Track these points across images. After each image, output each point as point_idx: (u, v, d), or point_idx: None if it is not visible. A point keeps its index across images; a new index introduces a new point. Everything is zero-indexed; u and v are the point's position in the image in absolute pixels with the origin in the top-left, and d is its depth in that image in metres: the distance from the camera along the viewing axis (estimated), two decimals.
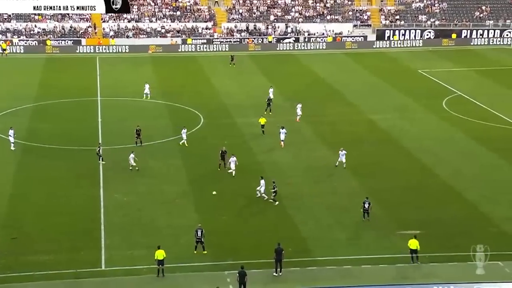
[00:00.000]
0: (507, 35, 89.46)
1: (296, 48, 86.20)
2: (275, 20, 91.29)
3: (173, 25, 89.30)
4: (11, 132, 46.19)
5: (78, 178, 41.45)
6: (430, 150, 46.29)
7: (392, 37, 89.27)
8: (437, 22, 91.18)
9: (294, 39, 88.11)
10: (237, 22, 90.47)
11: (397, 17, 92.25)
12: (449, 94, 62.28)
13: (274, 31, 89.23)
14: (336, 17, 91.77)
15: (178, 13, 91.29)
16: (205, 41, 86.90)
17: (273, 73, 71.68)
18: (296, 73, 72.39)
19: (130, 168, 42.17)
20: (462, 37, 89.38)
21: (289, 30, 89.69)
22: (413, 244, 31.47)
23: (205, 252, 32.19)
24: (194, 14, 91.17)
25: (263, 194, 38.17)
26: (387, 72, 72.16)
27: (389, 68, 74.91)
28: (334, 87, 65.03)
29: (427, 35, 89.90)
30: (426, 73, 71.51)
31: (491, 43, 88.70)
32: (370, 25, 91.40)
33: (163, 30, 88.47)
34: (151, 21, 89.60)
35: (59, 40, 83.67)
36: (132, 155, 42.48)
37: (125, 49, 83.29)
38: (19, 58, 77.81)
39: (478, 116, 54.34)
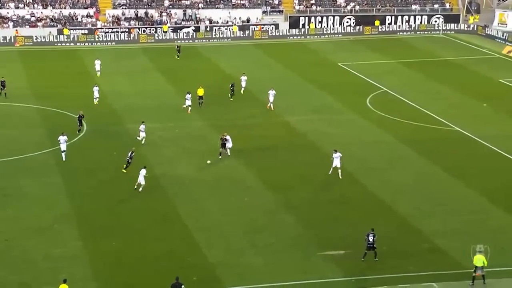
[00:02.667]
0: (435, 21, 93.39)
1: (196, 39, 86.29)
2: (171, 6, 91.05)
3: (45, 12, 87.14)
4: None
5: None
6: (355, 156, 47.50)
7: (308, 25, 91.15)
8: (357, 7, 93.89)
9: (193, 28, 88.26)
10: (125, 8, 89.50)
11: (313, 1, 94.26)
12: (374, 90, 64.24)
13: (170, 19, 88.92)
14: (242, 2, 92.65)
15: None
16: (86, 31, 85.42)
17: (171, 69, 71.53)
18: (198, 68, 72.52)
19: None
20: (386, 24, 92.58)
21: (187, 17, 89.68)
22: (479, 260, 31.54)
23: None
24: None
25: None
26: (304, 66, 73.59)
27: (306, 61, 76.43)
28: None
29: (347, 22, 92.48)
30: (347, 66, 73.45)
31: (418, 31, 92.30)
32: (282, 11, 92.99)
33: (33, 18, 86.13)
34: (17, 7, 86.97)
35: None
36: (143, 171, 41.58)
37: None
38: None
39: (407, 116, 56.31)
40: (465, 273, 32.90)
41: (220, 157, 45.67)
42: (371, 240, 33.80)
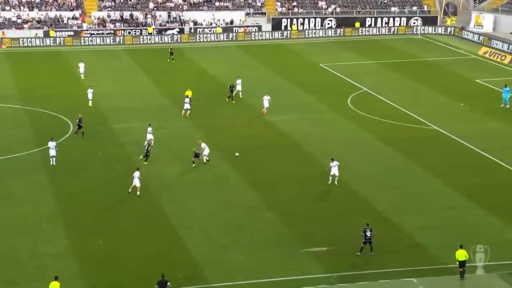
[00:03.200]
0: (414, 23, 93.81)
1: (181, 41, 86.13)
2: (155, 8, 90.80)
3: (31, 14, 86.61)
4: None
5: None
6: (336, 154, 47.46)
7: (290, 27, 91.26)
8: (338, 9, 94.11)
9: (178, 30, 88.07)
10: (110, 10, 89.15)
11: (294, 3, 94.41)
12: (355, 90, 64.42)
13: (155, 21, 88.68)
14: (226, 4, 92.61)
15: None
16: (72, 33, 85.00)
17: (156, 71, 71.35)
18: (182, 69, 72.40)
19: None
20: (366, 25, 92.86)
21: (172, 19, 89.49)
22: (461, 255, 31.67)
23: None
24: (57, 1, 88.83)
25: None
26: (286, 66, 73.67)
27: (288, 62, 76.50)
28: (227, 85, 65.48)
29: (328, 24, 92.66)
30: (328, 67, 73.60)
31: (397, 33, 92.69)
32: (265, 13, 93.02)
33: (19, 20, 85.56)
34: (3, 9, 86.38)
35: None
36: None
37: None
38: None
39: (386, 115, 56.52)
40: (444, 268, 33.17)
41: (193, 165, 45.11)
42: (368, 234, 34.14)
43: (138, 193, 40.64)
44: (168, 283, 29.98)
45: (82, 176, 43.89)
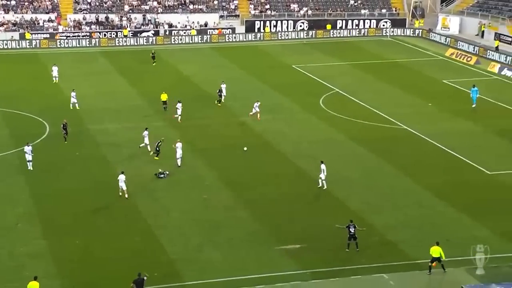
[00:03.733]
0: (383, 25, 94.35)
1: (156, 43, 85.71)
2: (131, 11, 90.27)
3: (7, 17, 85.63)
4: None
5: None
6: (309, 154, 47.68)
7: (263, 29, 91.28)
8: (310, 12, 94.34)
9: (153, 32, 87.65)
10: (86, 12, 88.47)
11: (267, 6, 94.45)
12: (327, 91, 64.58)
13: (130, 23, 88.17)
14: (200, 6, 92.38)
15: (13, 2, 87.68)
16: (47, 35, 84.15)
17: (132, 72, 70.91)
18: (158, 71, 72.03)
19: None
20: (338, 28, 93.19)
21: (147, 21, 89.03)
22: (435, 251, 31.99)
23: None
24: (33, 4, 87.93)
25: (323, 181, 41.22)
26: (260, 68, 73.66)
27: (261, 63, 76.51)
28: (201, 86, 65.39)
29: (300, 26, 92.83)
30: (301, 68, 73.72)
31: (367, 34, 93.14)
32: (239, 16, 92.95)
33: None
34: None
35: None
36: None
37: None
38: None
39: (357, 115, 56.72)
40: (413, 264, 33.37)
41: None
42: (352, 231, 34.23)
43: (126, 195, 40.12)
44: (145, 278, 29.82)
45: (58, 177, 43.47)
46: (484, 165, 45.91)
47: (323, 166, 41.83)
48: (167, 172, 43.33)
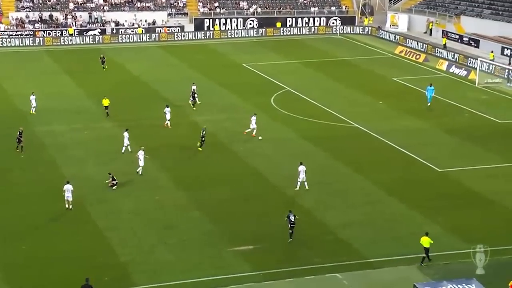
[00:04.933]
0: (333, 23, 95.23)
1: (102, 42, 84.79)
2: (76, 9, 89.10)
3: None
4: None
5: None
6: (262, 153, 47.87)
7: (212, 27, 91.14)
8: (259, 10, 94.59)
9: (99, 30, 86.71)
10: (29, 10, 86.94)
11: (216, 4, 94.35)
12: (278, 89, 64.89)
13: (75, 22, 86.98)
14: (147, 4, 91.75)
15: None
16: None
17: (77, 72, 70.02)
18: (106, 70, 71.24)
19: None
20: (287, 25, 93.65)
21: (93, 20, 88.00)
22: (426, 242, 32.69)
23: None
24: None
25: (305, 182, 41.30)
26: (210, 67, 73.54)
27: (212, 62, 76.40)
28: (151, 86, 64.97)
29: (250, 24, 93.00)
30: (251, 67, 73.88)
31: (317, 32, 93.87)
32: (187, 14, 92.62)
33: None
34: None
35: None
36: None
37: None
38: None
39: (309, 114, 57.15)
40: (366, 263, 33.79)
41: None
42: (292, 219, 34.86)
43: (71, 206, 38.86)
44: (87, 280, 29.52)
45: (3, 180, 42.67)
46: (434, 162, 46.78)
47: (302, 167, 41.75)
48: (116, 182, 42.31)
